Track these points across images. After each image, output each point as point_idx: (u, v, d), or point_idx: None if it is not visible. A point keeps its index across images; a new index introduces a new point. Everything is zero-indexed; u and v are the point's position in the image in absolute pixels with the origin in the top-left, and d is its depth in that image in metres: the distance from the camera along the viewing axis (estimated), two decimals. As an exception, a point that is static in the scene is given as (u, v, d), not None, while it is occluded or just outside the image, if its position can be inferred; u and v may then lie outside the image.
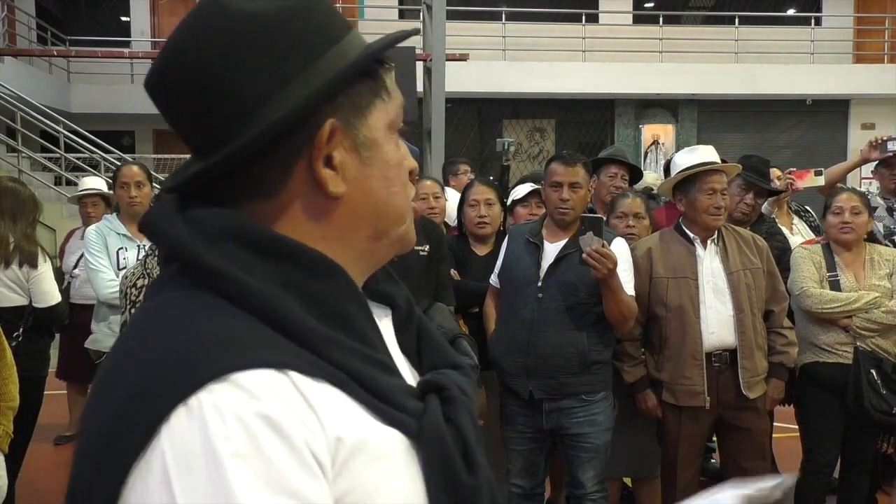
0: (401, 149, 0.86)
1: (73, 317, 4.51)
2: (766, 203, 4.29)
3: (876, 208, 4.53)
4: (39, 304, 3.75)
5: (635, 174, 4.24)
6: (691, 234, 3.29)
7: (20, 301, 3.71)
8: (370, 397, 0.73)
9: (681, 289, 3.22)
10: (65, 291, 4.57)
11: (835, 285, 3.49)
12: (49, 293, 3.78)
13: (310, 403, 0.68)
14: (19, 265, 3.68)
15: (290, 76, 0.77)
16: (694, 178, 3.26)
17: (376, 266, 0.87)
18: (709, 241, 3.28)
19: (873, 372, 3.38)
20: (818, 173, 4.47)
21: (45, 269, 3.78)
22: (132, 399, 0.67)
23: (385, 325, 0.90)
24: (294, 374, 0.69)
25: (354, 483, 0.70)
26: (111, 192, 5.11)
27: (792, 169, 4.48)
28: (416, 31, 0.86)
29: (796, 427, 3.79)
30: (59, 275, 4.53)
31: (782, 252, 3.78)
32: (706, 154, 3.37)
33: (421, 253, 3.18)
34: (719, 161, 3.35)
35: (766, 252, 3.35)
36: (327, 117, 0.77)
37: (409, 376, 0.87)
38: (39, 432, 3.83)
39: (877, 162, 4.59)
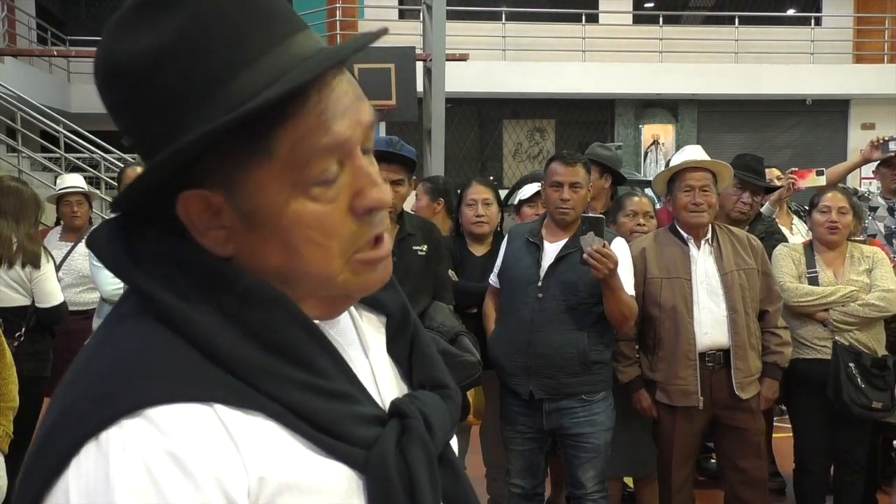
0: (336, 194, 0.73)
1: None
2: (767, 203, 4.30)
3: (877, 208, 4.53)
4: (42, 305, 3.75)
5: (616, 177, 4.13)
6: (685, 235, 3.29)
7: (23, 301, 3.71)
8: (310, 429, 0.70)
9: (674, 289, 3.23)
10: None
11: (813, 282, 3.54)
12: (52, 293, 3.78)
13: (234, 439, 0.66)
14: (22, 265, 3.68)
15: (162, 136, 0.70)
16: (675, 176, 3.31)
17: (336, 306, 0.81)
18: (703, 242, 3.29)
19: (852, 366, 3.41)
20: (820, 173, 4.47)
21: (48, 269, 3.78)
22: (52, 428, 0.67)
23: (377, 333, 0.88)
24: (220, 408, 0.67)
25: None
26: (92, 189, 4.97)
27: (794, 168, 4.49)
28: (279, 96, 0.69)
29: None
30: None
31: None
32: (691, 153, 3.42)
33: (420, 253, 3.19)
34: (705, 158, 3.36)
35: (761, 252, 3.36)
36: (192, 185, 0.71)
37: (395, 389, 0.85)
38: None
39: (878, 162, 4.60)
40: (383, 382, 0.84)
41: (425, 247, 3.22)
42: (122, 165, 10.13)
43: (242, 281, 0.72)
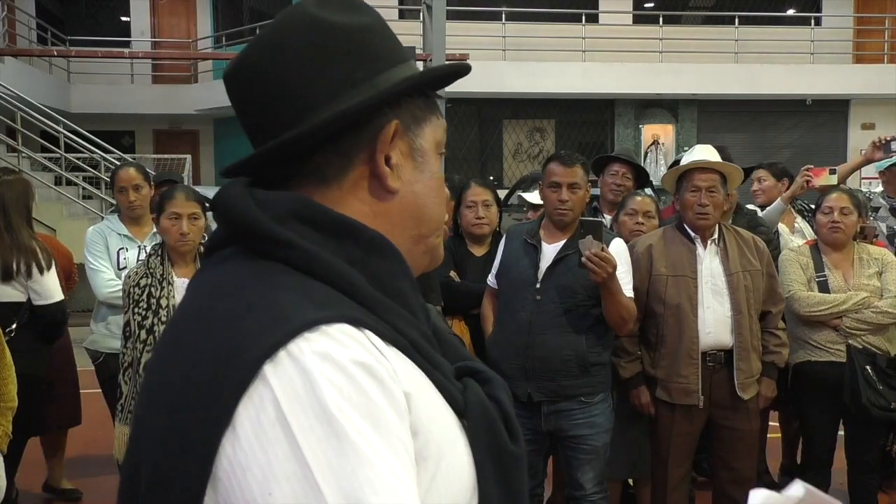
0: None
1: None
2: (779, 199, 4.26)
3: (878, 208, 4.53)
4: (39, 301, 3.63)
5: (641, 175, 4.22)
6: (692, 234, 3.29)
7: (19, 297, 3.62)
8: (427, 364, 0.80)
9: (679, 287, 3.22)
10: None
11: (823, 286, 3.51)
12: (52, 289, 3.66)
13: (386, 357, 0.75)
14: (28, 274, 3.61)
15: (361, 79, 0.84)
16: (683, 176, 3.30)
17: (422, 264, 0.94)
18: (709, 241, 3.28)
19: (868, 368, 3.40)
20: (832, 172, 4.45)
21: (52, 265, 3.70)
22: (229, 349, 0.72)
23: None
24: (368, 333, 0.75)
25: (427, 438, 0.75)
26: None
27: (809, 166, 4.45)
28: (467, 68, 0.95)
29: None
30: None
31: (766, 243, 3.76)
32: (700, 153, 3.41)
33: None
34: (716, 159, 3.35)
35: (767, 254, 3.36)
36: (393, 118, 0.85)
37: None
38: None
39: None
40: None
41: None
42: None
43: (369, 233, 0.83)
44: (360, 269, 0.80)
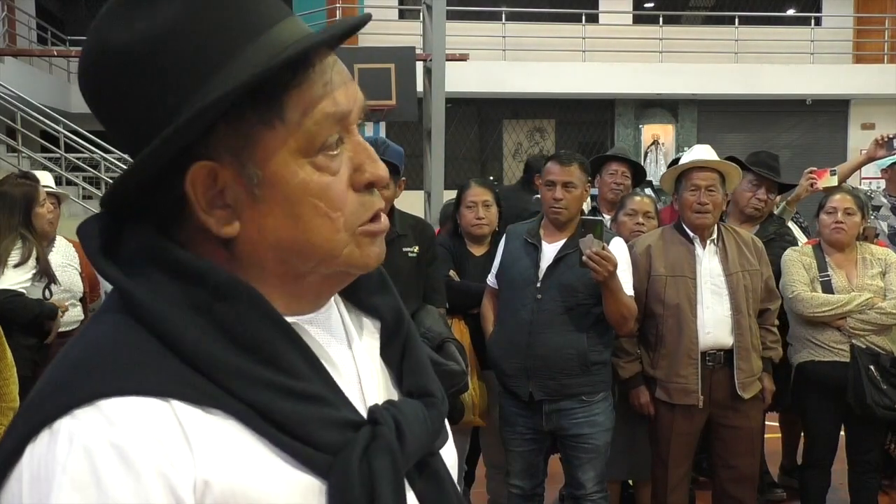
0: (339, 166, 0.74)
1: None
2: (783, 204, 4.26)
3: (880, 207, 4.53)
4: None
5: (638, 173, 4.24)
6: (691, 234, 3.29)
7: None
8: (273, 430, 0.69)
9: (679, 287, 3.23)
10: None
11: (826, 286, 3.50)
12: None
13: (186, 437, 0.66)
14: None
15: (161, 119, 0.70)
16: (681, 176, 3.31)
17: (323, 294, 0.80)
18: (708, 241, 3.29)
19: (872, 368, 3.40)
20: (833, 173, 4.46)
21: (22, 266, 3.66)
22: (15, 418, 0.69)
23: (371, 338, 0.87)
24: (178, 404, 0.66)
25: None
26: (62, 191, 4.76)
27: (813, 168, 4.45)
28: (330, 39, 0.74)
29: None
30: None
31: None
32: (699, 153, 3.42)
33: (410, 255, 3.15)
34: (714, 158, 3.36)
35: (765, 254, 3.38)
36: (199, 158, 0.71)
37: (383, 395, 0.83)
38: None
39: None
40: (369, 387, 0.82)
41: (416, 248, 3.17)
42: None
43: (215, 276, 0.72)
44: (207, 317, 0.70)
